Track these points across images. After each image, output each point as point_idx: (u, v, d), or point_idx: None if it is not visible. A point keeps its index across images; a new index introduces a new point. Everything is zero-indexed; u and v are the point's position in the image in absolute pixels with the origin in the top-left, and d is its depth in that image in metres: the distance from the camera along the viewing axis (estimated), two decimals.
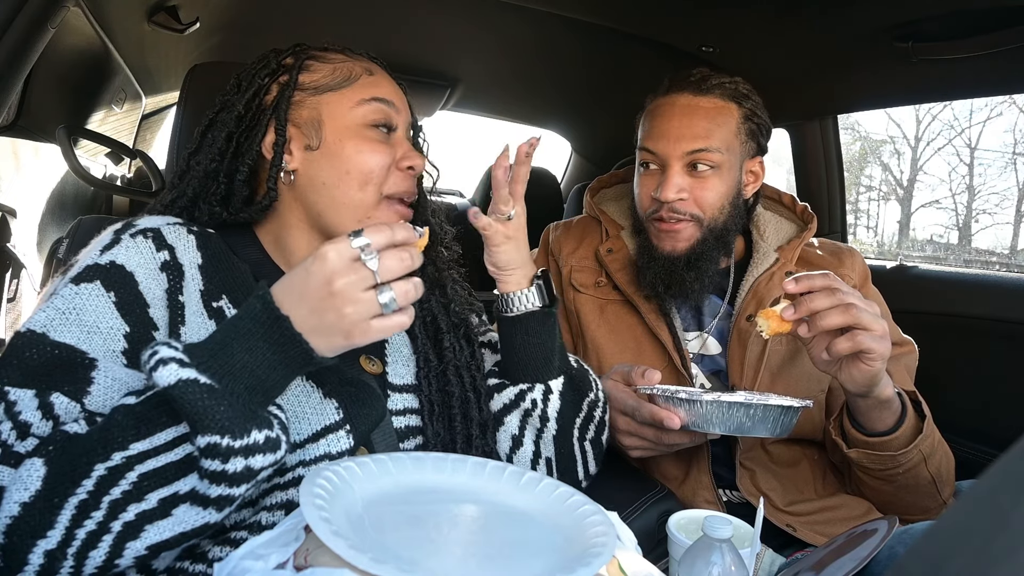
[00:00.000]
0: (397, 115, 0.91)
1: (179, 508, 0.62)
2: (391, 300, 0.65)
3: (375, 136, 0.88)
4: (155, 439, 0.62)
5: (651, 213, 1.20)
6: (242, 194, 0.89)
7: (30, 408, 0.66)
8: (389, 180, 0.88)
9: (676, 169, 1.16)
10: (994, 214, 15.57)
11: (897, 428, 1.01)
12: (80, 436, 0.63)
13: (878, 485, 1.08)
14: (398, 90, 0.94)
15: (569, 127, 2.91)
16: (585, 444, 0.97)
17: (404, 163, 0.89)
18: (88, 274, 0.75)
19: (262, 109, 0.89)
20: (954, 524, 0.27)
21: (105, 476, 0.61)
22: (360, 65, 0.92)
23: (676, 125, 1.16)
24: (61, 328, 0.71)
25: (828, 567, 0.79)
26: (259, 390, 0.65)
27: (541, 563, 0.58)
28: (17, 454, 0.63)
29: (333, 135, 0.87)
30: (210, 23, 1.91)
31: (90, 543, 0.60)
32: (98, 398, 0.69)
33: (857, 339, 0.91)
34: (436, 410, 0.90)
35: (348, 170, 0.86)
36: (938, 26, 1.37)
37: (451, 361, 0.93)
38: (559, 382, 0.94)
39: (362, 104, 0.88)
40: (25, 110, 1.65)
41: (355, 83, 0.89)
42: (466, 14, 1.88)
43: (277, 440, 0.65)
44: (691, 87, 1.19)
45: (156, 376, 0.60)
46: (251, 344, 0.64)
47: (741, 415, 0.93)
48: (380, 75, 0.93)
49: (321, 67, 0.90)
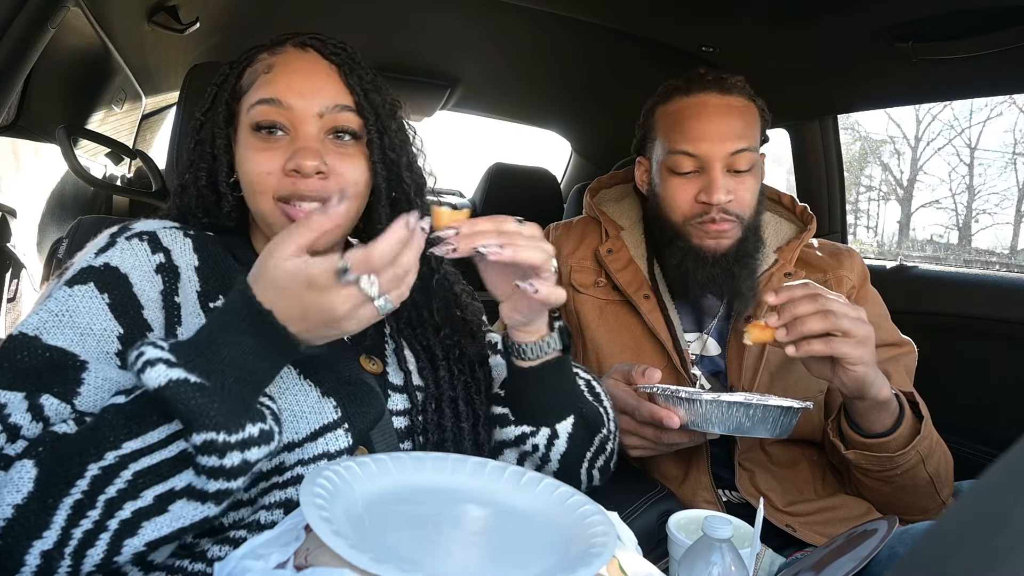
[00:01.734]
0: (289, 112, 0.82)
1: (176, 504, 0.62)
2: (386, 301, 0.65)
3: (256, 142, 0.83)
4: (148, 437, 0.62)
5: (695, 217, 1.17)
6: (209, 199, 0.88)
7: (20, 410, 0.66)
8: (279, 185, 0.81)
9: (720, 170, 1.14)
10: (994, 214, 15.58)
11: (895, 430, 1.01)
12: (69, 436, 0.63)
13: (877, 486, 1.09)
14: (301, 77, 0.84)
15: (569, 127, 2.91)
16: (593, 472, 0.95)
17: (288, 166, 0.81)
18: (82, 276, 0.75)
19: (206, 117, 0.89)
20: (954, 524, 0.27)
21: (99, 475, 0.60)
22: (265, 62, 0.86)
23: (716, 125, 1.14)
24: (54, 331, 0.70)
25: (828, 567, 0.79)
26: (249, 382, 0.64)
27: (541, 563, 0.58)
28: (7, 457, 0.63)
29: (237, 142, 0.86)
30: (210, 23, 1.91)
31: (87, 542, 0.60)
32: (88, 399, 0.69)
33: (832, 344, 0.92)
34: (430, 436, 0.88)
35: (243, 172, 0.84)
36: (938, 26, 1.37)
37: (446, 392, 0.90)
38: (567, 424, 0.89)
39: (250, 109, 0.83)
40: (25, 110, 1.65)
41: (255, 83, 0.85)
42: (466, 14, 1.88)
43: (271, 431, 0.65)
44: (715, 86, 1.17)
45: (144, 378, 0.60)
46: (235, 339, 0.64)
47: (741, 415, 0.93)
48: (280, 67, 0.85)
49: (248, 70, 0.88)
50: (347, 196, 0.69)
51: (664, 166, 1.19)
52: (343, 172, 0.83)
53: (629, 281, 1.25)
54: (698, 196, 1.15)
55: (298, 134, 0.82)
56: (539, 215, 1.62)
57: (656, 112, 1.23)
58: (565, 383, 0.89)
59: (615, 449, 0.98)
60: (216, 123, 0.87)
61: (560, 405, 0.89)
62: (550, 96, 2.58)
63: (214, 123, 0.87)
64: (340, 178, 0.82)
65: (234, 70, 0.88)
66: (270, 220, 0.83)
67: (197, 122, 0.89)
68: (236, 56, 0.91)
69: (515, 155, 14.39)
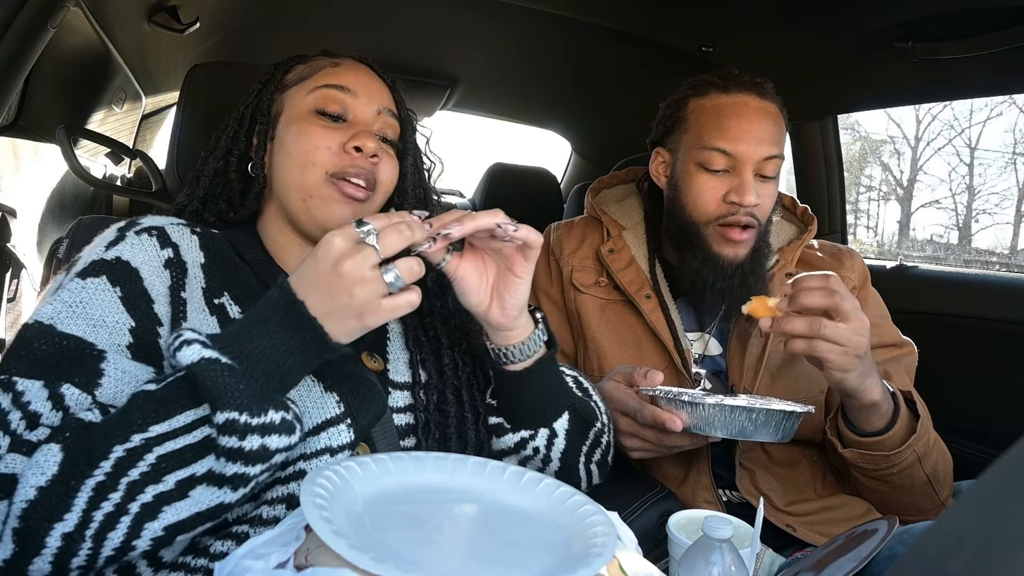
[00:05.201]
0: (354, 100, 0.90)
1: (196, 489, 0.63)
2: (396, 277, 0.67)
3: (318, 121, 0.88)
4: (174, 421, 0.64)
5: (720, 217, 1.15)
6: (238, 188, 0.93)
7: (39, 399, 0.67)
8: (333, 161, 0.87)
9: (751, 172, 1.13)
10: (994, 214, 15.60)
11: (889, 429, 1.01)
12: (96, 424, 0.65)
13: (874, 485, 1.09)
14: (365, 79, 0.93)
15: (569, 127, 2.91)
16: (591, 467, 0.95)
17: (350, 144, 0.86)
18: (94, 269, 0.76)
19: (248, 110, 0.94)
20: (954, 524, 0.27)
21: (123, 457, 0.61)
22: (329, 60, 0.94)
23: (756, 128, 1.13)
24: (68, 320, 0.71)
25: (828, 567, 0.79)
26: (276, 376, 0.67)
27: (541, 563, 0.59)
28: (28, 442, 0.64)
29: (284, 124, 0.91)
30: (210, 23, 1.91)
31: (108, 524, 0.60)
32: (109, 390, 0.70)
33: (813, 344, 0.94)
34: (432, 430, 0.89)
35: (289, 153, 0.88)
36: (938, 26, 1.37)
37: (450, 380, 0.92)
38: (564, 421, 0.90)
39: (312, 92, 0.90)
40: (25, 110, 1.65)
41: (316, 74, 0.92)
42: (466, 14, 1.88)
43: (292, 424, 0.66)
44: (754, 89, 1.16)
45: (180, 355, 0.62)
46: (268, 329, 0.67)
47: (743, 419, 0.93)
48: (348, 67, 0.93)
49: (299, 67, 0.95)
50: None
51: (693, 160, 1.17)
52: (383, 168, 0.90)
53: (630, 281, 1.24)
54: (727, 196, 1.14)
55: (358, 121, 0.91)
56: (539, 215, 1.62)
57: (689, 104, 1.20)
58: (556, 379, 0.91)
59: (611, 443, 0.98)
60: (261, 112, 0.93)
61: (554, 403, 0.90)
62: (550, 96, 2.58)
63: (257, 111, 0.93)
64: (382, 172, 0.90)
65: (280, 68, 0.96)
66: (313, 193, 0.86)
67: (238, 112, 0.94)
68: (236, 56, 0.93)
69: (515, 155, 14.40)
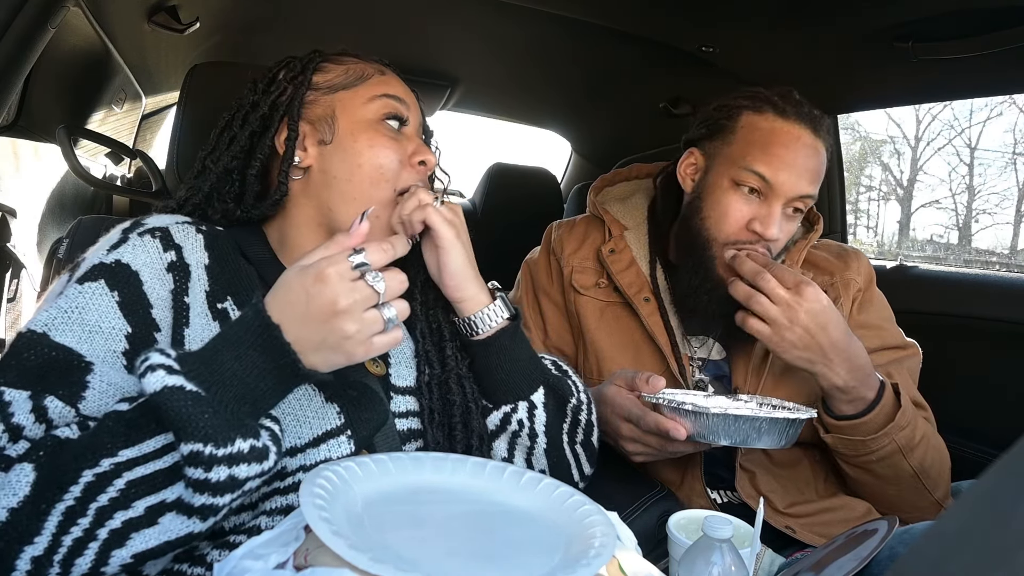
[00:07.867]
0: (408, 112, 0.93)
1: (165, 516, 0.62)
2: (394, 316, 0.67)
3: (387, 131, 0.89)
4: (144, 446, 0.62)
5: (736, 242, 1.13)
6: (254, 190, 0.91)
7: (24, 410, 0.66)
8: (402, 176, 0.89)
9: (781, 206, 1.11)
10: (994, 214, 15.60)
11: (865, 414, 1.03)
12: (71, 441, 0.63)
13: (858, 475, 1.10)
14: (408, 91, 0.96)
15: (569, 127, 2.91)
16: (576, 448, 0.95)
17: (416, 158, 0.89)
18: (93, 273, 0.75)
19: (276, 107, 0.91)
20: (954, 524, 0.27)
21: (93, 482, 0.60)
22: (372, 66, 0.95)
23: (801, 164, 1.10)
24: (63, 328, 0.70)
25: (828, 567, 0.79)
26: (247, 400, 0.65)
27: (541, 563, 0.58)
28: (8, 457, 0.63)
29: (346, 128, 0.89)
30: (210, 23, 1.91)
31: (76, 550, 0.60)
32: (92, 403, 0.69)
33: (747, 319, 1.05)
34: (436, 418, 0.89)
35: (360, 164, 0.87)
36: (938, 26, 1.37)
37: (453, 369, 0.92)
38: (540, 394, 0.92)
39: (375, 100, 0.90)
40: (25, 110, 1.65)
41: (367, 81, 0.92)
42: (466, 14, 1.88)
43: (264, 450, 0.64)
44: (810, 122, 1.12)
45: (144, 382, 0.61)
46: (240, 352, 0.65)
47: (747, 427, 0.93)
48: (391, 75, 0.96)
49: (334, 68, 0.94)
50: (368, 216, 0.74)
51: (729, 175, 1.14)
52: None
53: (630, 283, 1.23)
54: (750, 223, 1.12)
55: (413, 133, 0.94)
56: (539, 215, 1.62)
57: (742, 117, 1.16)
58: (524, 353, 0.91)
59: (592, 423, 0.98)
60: (292, 114, 0.90)
61: (527, 376, 0.91)
62: (550, 96, 2.57)
63: (287, 111, 0.90)
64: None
65: (309, 66, 0.93)
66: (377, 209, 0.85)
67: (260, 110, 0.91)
68: (236, 56, 0.93)
69: (515, 155, 14.38)
